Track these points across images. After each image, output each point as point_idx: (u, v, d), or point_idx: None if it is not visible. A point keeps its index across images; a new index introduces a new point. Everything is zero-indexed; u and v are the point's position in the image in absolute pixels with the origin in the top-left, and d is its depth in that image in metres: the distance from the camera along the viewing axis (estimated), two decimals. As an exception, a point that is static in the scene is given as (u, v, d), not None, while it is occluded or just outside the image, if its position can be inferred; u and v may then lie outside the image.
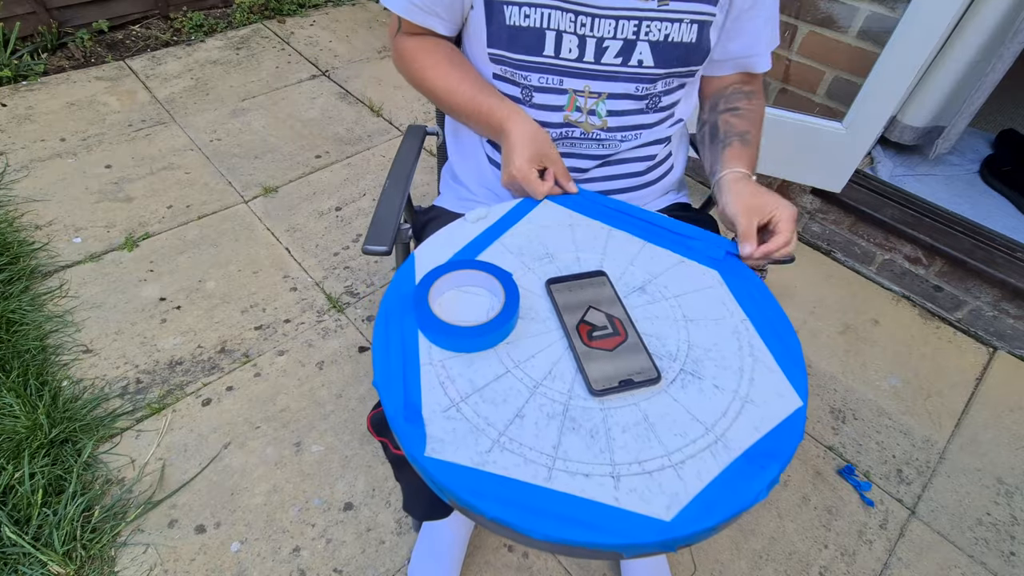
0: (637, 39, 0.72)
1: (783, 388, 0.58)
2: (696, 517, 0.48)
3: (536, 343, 0.61)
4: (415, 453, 0.51)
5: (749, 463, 0.52)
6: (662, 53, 0.74)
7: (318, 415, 1.26)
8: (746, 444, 0.53)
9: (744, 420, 0.55)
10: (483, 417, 0.54)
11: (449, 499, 0.51)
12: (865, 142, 1.48)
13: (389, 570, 1.06)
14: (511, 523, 0.48)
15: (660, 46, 0.73)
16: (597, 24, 0.71)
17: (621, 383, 0.56)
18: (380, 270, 1.59)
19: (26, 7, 2.09)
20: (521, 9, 0.70)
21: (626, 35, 0.72)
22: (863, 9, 1.41)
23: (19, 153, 1.79)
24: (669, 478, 0.51)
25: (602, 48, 0.73)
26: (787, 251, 0.70)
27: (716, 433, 0.54)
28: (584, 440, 0.53)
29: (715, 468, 0.51)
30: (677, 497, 0.49)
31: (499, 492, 0.49)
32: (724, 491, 0.50)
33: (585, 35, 0.72)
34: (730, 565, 1.10)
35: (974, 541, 1.16)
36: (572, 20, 0.71)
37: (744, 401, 0.57)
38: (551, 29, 0.71)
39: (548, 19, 0.71)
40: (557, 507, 0.48)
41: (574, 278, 0.67)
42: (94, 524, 1.05)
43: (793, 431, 0.55)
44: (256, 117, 2.06)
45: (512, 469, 0.50)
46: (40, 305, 1.40)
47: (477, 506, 0.48)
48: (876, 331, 1.54)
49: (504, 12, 0.71)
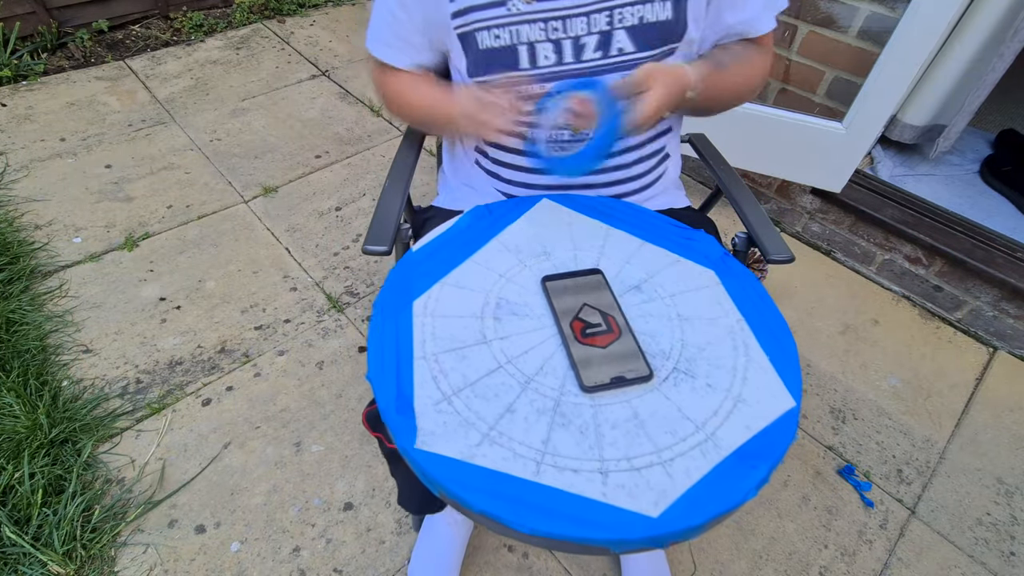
0: (612, 28, 0.72)
1: (776, 388, 0.58)
2: (684, 514, 0.48)
3: (529, 339, 0.61)
4: (406, 445, 0.52)
5: (739, 462, 0.52)
6: (641, 36, 0.73)
7: (318, 415, 1.26)
8: (737, 443, 0.53)
9: (736, 419, 0.55)
10: (474, 411, 0.55)
11: (439, 491, 0.52)
12: (865, 142, 1.48)
13: (389, 570, 1.06)
14: (499, 516, 0.48)
15: (637, 29, 0.73)
16: (569, 24, 0.72)
17: (613, 380, 0.57)
18: (380, 270, 1.59)
19: (26, 7, 2.09)
20: (491, 31, 0.72)
21: (600, 27, 0.72)
22: (863, 9, 1.41)
23: (19, 153, 1.79)
24: (658, 475, 0.51)
25: (579, 46, 0.73)
26: (640, 114, 0.66)
27: (707, 431, 0.54)
28: (574, 436, 0.53)
29: (705, 466, 0.52)
30: (665, 494, 0.50)
31: (487, 485, 0.50)
32: (713, 489, 0.50)
33: (559, 39, 0.72)
34: (730, 565, 1.10)
35: (974, 541, 1.16)
36: (542, 28, 0.72)
37: (736, 400, 0.57)
38: (522, 43, 0.73)
39: (517, 35, 0.72)
40: (545, 501, 0.49)
41: (570, 276, 0.67)
42: (94, 524, 1.05)
43: (785, 431, 0.55)
44: (256, 117, 2.06)
45: (501, 463, 0.51)
46: (40, 305, 1.40)
47: (465, 499, 0.49)
48: (876, 331, 1.54)
49: (476, 39, 0.73)
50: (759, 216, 0.83)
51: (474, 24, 0.72)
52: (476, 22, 0.72)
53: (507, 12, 0.71)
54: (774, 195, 1.80)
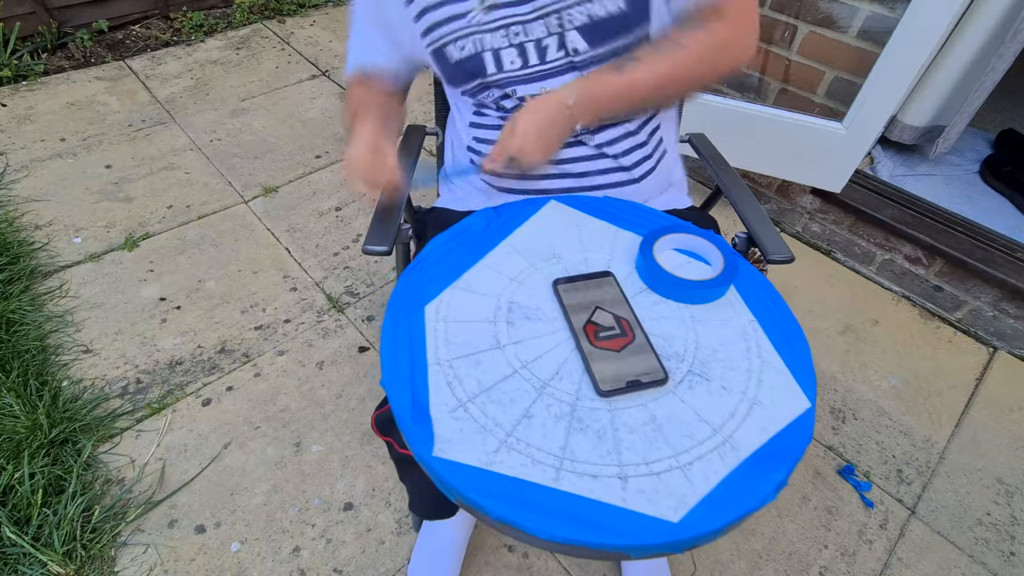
0: (564, 30, 0.73)
1: (791, 390, 0.58)
2: (704, 519, 0.48)
3: (543, 343, 0.61)
4: (423, 453, 0.51)
5: (757, 465, 0.52)
6: (592, 33, 0.73)
7: (318, 415, 1.26)
8: (754, 446, 0.53)
9: (752, 422, 0.55)
10: (490, 417, 0.54)
11: (456, 499, 0.51)
12: (865, 142, 1.48)
13: (389, 570, 1.05)
14: (518, 523, 0.48)
15: (588, 28, 0.73)
16: (529, 28, 0.74)
17: (628, 384, 0.56)
18: (380, 270, 1.59)
19: (26, 7, 2.09)
20: (457, 43, 0.75)
21: (553, 29, 0.74)
22: (863, 9, 1.41)
23: (19, 153, 1.79)
24: (677, 479, 0.50)
25: (543, 48, 0.75)
26: (489, 164, 0.74)
27: (724, 435, 0.54)
28: (591, 441, 0.53)
29: (723, 470, 0.51)
30: (685, 499, 0.49)
31: (506, 492, 0.49)
32: (732, 493, 0.50)
33: (523, 42, 0.74)
34: (730, 565, 1.10)
35: (974, 541, 1.16)
36: (504, 35, 0.74)
37: (752, 403, 0.56)
38: (486, 50, 0.75)
39: (481, 43, 0.75)
40: (564, 507, 0.48)
41: (581, 278, 0.66)
42: (94, 524, 1.05)
43: (801, 433, 0.54)
44: (256, 117, 2.06)
45: (519, 469, 0.50)
46: (40, 305, 1.40)
47: (484, 506, 0.48)
48: (876, 331, 1.54)
49: (447, 54, 0.76)
50: (759, 216, 0.83)
51: (440, 40, 0.76)
52: (442, 37, 0.75)
53: (467, 23, 0.74)
54: (774, 195, 1.80)
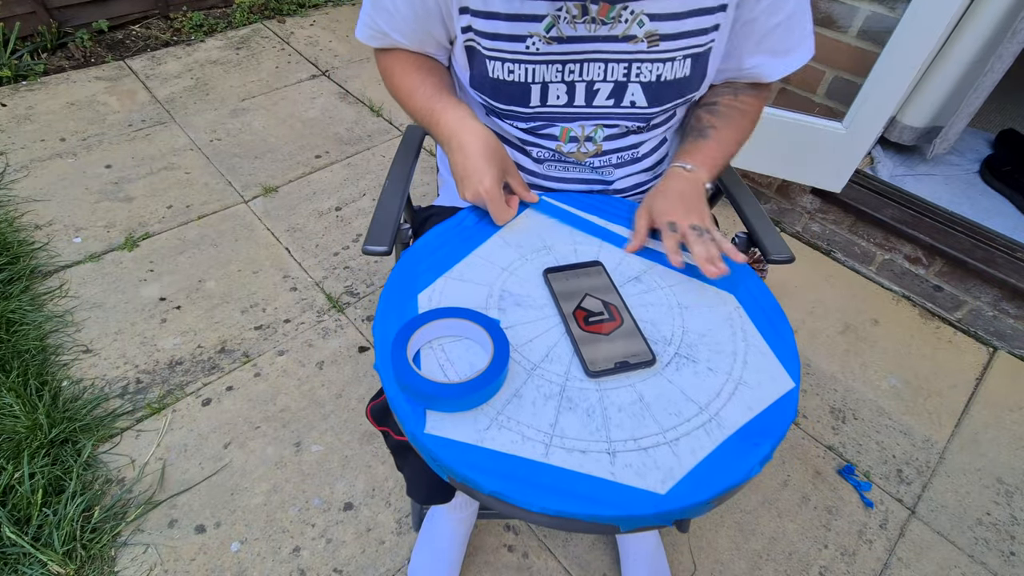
0: (628, 81, 0.70)
1: (776, 371, 0.60)
2: (690, 491, 0.50)
3: (534, 328, 0.62)
4: (415, 431, 0.53)
5: (742, 440, 0.53)
6: (655, 92, 0.71)
7: (318, 415, 1.26)
8: (739, 423, 0.55)
9: (737, 400, 0.57)
10: None
11: (448, 476, 0.52)
12: (865, 142, 1.48)
13: (389, 570, 1.06)
14: (509, 496, 0.49)
15: (652, 86, 0.71)
16: (586, 68, 0.69)
17: (617, 365, 0.58)
18: (380, 270, 1.59)
19: (26, 7, 2.09)
20: (504, 64, 0.68)
21: (616, 77, 0.70)
22: (863, 9, 1.41)
23: (19, 153, 1.79)
24: (664, 454, 0.52)
25: (592, 91, 0.71)
26: (674, 260, 0.67)
27: (710, 412, 0.56)
28: (581, 419, 0.54)
29: (709, 445, 0.53)
30: (672, 472, 0.51)
31: (497, 467, 0.50)
32: (718, 466, 0.51)
33: (574, 80, 0.70)
34: (730, 565, 1.10)
35: (974, 541, 1.16)
36: (559, 70, 0.69)
37: (737, 383, 0.58)
38: (536, 83, 0.70)
39: (533, 74, 0.69)
40: (554, 481, 0.50)
41: (571, 268, 0.68)
42: (94, 524, 1.05)
43: (786, 411, 0.56)
44: (256, 117, 2.06)
45: (510, 446, 0.52)
46: (40, 305, 1.40)
47: (475, 480, 0.50)
48: (876, 331, 1.54)
49: (487, 65, 0.69)
50: (759, 216, 0.83)
51: (485, 51, 0.69)
52: (489, 50, 0.68)
53: (525, 50, 0.67)
54: (774, 195, 1.80)
